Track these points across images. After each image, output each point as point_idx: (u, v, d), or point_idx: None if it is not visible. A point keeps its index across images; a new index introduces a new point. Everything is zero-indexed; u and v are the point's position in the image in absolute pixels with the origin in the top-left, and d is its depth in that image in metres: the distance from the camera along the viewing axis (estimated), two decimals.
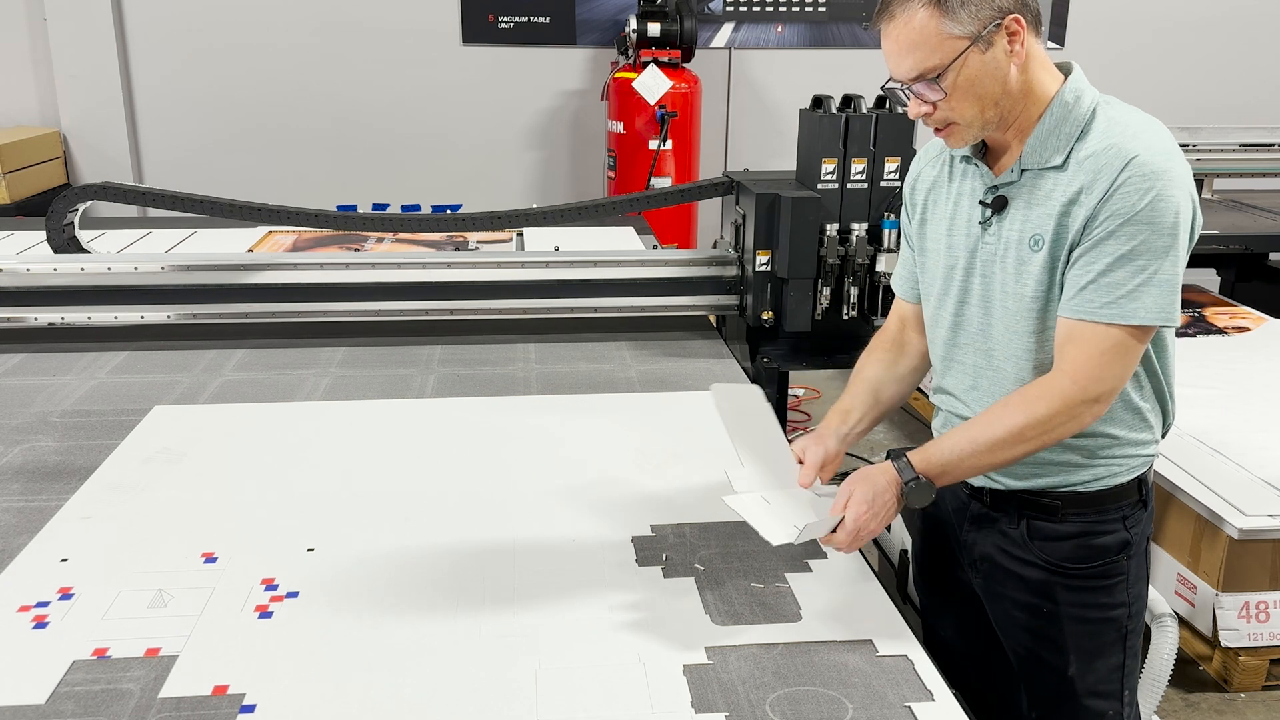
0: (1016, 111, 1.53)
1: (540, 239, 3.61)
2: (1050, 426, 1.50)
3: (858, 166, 2.66)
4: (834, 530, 1.55)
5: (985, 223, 1.60)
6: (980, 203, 1.61)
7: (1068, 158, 1.51)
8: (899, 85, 1.52)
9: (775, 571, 1.68)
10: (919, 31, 1.46)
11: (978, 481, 1.69)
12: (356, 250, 3.63)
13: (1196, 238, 1.52)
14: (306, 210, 2.95)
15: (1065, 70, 1.56)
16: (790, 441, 1.77)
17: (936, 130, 1.57)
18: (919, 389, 5.03)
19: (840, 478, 1.70)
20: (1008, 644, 1.75)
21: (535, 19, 5.92)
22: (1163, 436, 1.68)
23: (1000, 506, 1.68)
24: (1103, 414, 1.52)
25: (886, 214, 2.69)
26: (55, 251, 2.99)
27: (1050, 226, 1.51)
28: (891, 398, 1.81)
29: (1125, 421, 1.60)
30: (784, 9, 6.09)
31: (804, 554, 1.73)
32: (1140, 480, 1.65)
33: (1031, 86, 1.52)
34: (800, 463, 1.69)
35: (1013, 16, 1.46)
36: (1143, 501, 1.66)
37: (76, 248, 3.03)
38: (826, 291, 2.71)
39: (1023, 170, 1.55)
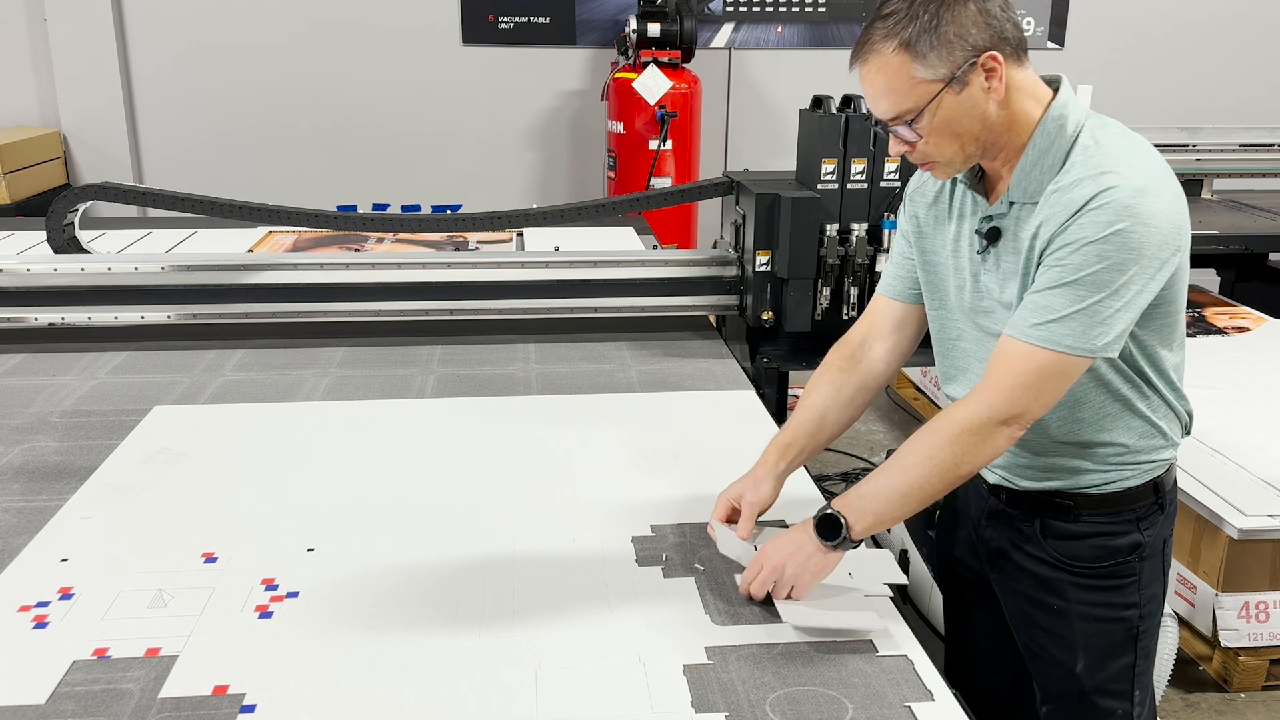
0: (1001, 143, 1.50)
1: (540, 239, 3.61)
2: (958, 449, 1.46)
3: (858, 167, 2.66)
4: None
5: (983, 252, 1.58)
6: (976, 232, 1.59)
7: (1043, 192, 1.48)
8: (878, 124, 1.51)
9: None
10: (891, 76, 1.43)
11: (993, 479, 1.70)
12: (356, 250, 3.63)
13: (1170, 273, 1.45)
14: (306, 210, 2.95)
15: (1053, 84, 1.51)
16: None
17: (921, 166, 1.55)
18: (918, 389, 5.00)
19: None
20: (1020, 640, 1.76)
21: (535, 19, 5.92)
22: (1183, 437, 1.66)
23: (1016, 504, 1.68)
24: (1020, 436, 1.47)
25: (886, 214, 2.69)
26: (55, 251, 2.99)
27: (1022, 263, 1.50)
28: (835, 425, 1.77)
29: (1135, 429, 1.59)
30: (784, 9, 6.09)
31: None
32: (1156, 484, 1.64)
33: (1015, 117, 1.48)
34: (735, 509, 1.70)
35: (989, 54, 1.41)
36: (1159, 504, 1.65)
37: (76, 248, 3.03)
38: (826, 292, 2.72)
39: (1010, 203, 1.53)
